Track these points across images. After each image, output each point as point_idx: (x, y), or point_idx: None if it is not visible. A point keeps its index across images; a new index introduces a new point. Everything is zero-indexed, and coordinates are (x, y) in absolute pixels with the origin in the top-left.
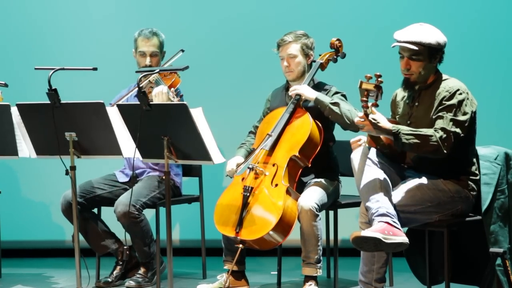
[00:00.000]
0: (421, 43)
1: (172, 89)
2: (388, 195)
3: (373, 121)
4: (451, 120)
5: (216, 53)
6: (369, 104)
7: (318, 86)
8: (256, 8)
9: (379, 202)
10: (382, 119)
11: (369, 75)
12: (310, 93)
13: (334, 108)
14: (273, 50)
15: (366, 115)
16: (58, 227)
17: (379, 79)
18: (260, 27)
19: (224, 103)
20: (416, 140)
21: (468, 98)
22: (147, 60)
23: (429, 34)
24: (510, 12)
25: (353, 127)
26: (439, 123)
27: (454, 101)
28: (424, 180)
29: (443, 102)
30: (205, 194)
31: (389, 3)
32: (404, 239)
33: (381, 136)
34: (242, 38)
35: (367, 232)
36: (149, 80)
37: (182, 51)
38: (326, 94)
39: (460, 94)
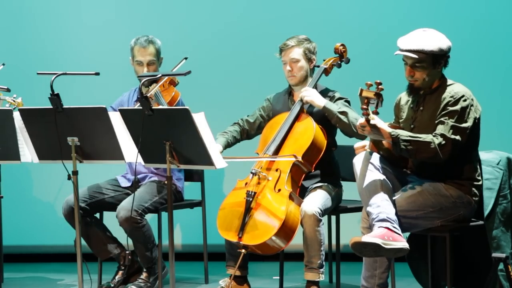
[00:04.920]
0: (423, 51)
1: None
2: (390, 200)
3: (372, 125)
4: (452, 126)
5: (218, 58)
6: (370, 111)
7: (322, 92)
8: (259, 13)
9: (379, 207)
10: (381, 123)
11: (370, 82)
12: (319, 101)
13: (342, 117)
14: (275, 54)
15: (367, 121)
16: (60, 232)
17: (379, 86)
18: (263, 32)
19: (226, 108)
20: (414, 146)
21: (472, 105)
22: (145, 69)
23: (432, 41)
24: (511, 16)
25: (359, 135)
26: (439, 129)
27: (457, 107)
28: (426, 185)
29: (447, 107)
30: (207, 199)
31: (393, 8)
32: (404, 244)
33: (383, 141)
34: (243, 43)
35: (366, 238)
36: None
37: (185, 58)
38: (330, 100)
39: (465, 100)
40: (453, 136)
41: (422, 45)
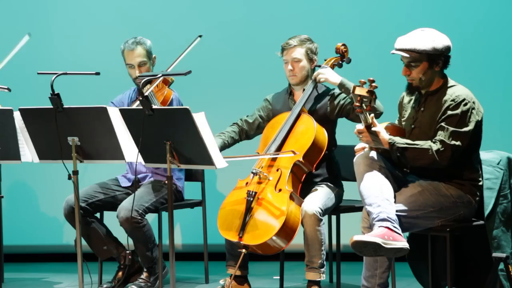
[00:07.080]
0: (415, 50)
1: None
2: (390, 200)
3: (373, 133)
4: (452, 132)
5: (218, 58)
6: (364, 108)
7: (322, 92)
8: (259, 12)
9: (380, 207)
10: (381, 130)
11: (363, 80)
12: (334, 78)
13: None
14: (277, 53)
15: (368, 127)
16: (61, 232)
17: (372, 84)
18: (263, 31)
19: (226, 108)
20: (411, 154)
21: (473, 108)
22: (137, 72)
23: (426, 40)
24: None
25: None
26: (439, 135)
27: (458, 111)
28: (426, 185)
29: (447, 111)
30: (207, 198)
31: (395, 8)
32: (404, 244)
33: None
34: (244, 42)
35: (366, 237)
36: None
37: (200, 36)
38: (330, 98)
39: (465, 104)
40: (453, 142)
41: (415, 44)
